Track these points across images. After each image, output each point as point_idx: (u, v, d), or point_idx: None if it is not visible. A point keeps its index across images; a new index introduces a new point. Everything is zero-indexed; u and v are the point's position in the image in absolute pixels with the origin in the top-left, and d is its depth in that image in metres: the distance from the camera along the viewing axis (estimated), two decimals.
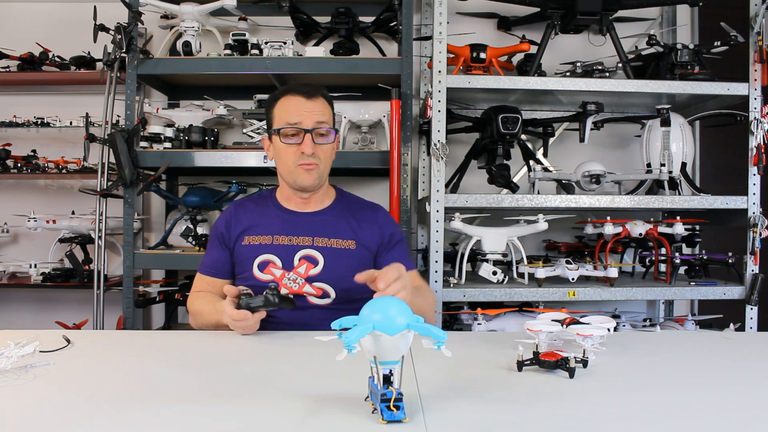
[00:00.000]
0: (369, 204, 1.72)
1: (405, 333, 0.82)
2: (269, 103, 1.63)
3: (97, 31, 2.49)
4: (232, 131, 2.91)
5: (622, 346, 1.29)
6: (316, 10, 2.75)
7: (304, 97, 1.57)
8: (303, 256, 1.57)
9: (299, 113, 1.55)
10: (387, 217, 1.70)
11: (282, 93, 1.61)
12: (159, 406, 0.90)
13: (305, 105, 1.56)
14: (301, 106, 1.56)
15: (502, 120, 2.28)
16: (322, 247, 1.58)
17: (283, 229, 1.61)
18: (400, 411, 0.81)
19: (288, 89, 1.60)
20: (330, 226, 1.61)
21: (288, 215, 1.64)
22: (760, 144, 2.29)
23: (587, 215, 2.66)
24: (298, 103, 1.56)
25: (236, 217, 1.66)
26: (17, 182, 3.02)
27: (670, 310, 2.95)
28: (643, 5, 2.59)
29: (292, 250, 1.57)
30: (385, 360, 0.83)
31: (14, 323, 2.95)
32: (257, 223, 1.63)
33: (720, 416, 0.89)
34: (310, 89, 1.58)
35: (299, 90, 1.58)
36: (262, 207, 1.68)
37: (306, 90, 1.58)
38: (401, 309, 0.84)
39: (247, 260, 1.59)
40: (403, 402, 0.82)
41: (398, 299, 0.87)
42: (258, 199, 1.73)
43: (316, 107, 1.57)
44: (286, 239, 1.59)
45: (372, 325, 0.81)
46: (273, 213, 1.65)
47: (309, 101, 1.56)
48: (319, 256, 1.57)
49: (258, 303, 1.34)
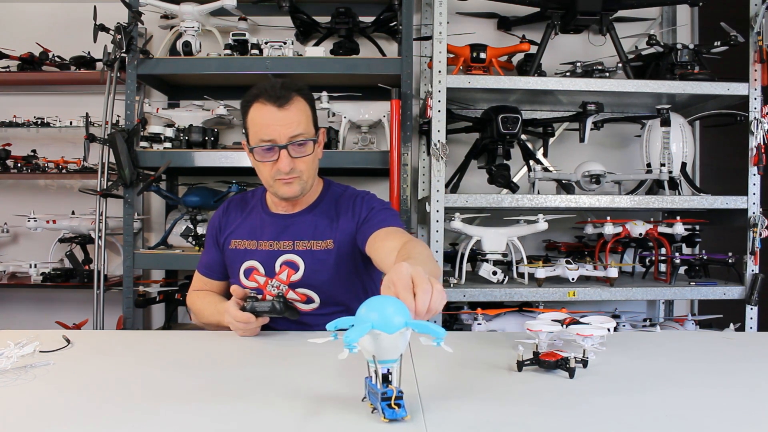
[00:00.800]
0: (351, 194, 1.62)
1: (403, 331, 0.82)
2: (243, 108, 1.51)
3: (97, 31, 2.49)
4: (232, 131, 2.91)
5: (622, 346, 1.29)
6: (316, 10, 2.75)
7: (276, 105, 1.43)
8: (284, 262, 1.53)
9: (271, 128, 1.44)
10: (367, 200, 1.59)
11: (253, 98, 1.47)
12: (159, 406, 0.90)
13: (277, 117, 1.43)
14: (273, 119, 1.43)
15: (502, 120, 2.28)
16: (303, 251, 1.53)
17: (267, 233, 1.57)
18: (401, 409, 0.81)
19: (259, 93, 1.46)
20: (310, 227, 1.56)
21: (272, 218, 1.60)
22: (760, 144, 2.29)
23: (587, 215, 2.66)
24: (270, 115, 1.44)
25: (225, 217, 1.65)
26: (17, 182, 3.02)
27: (670, 310, 2.95)
28: (643, 5, 2.59)
29: (273, 256, 1.54)
30: (384, 359, 0.83)
31: (14, 323, 2.95)
32: (244, 226, 1.61)
33: (720, 416, 0.89)
34: (282, 93, 1.44)
35: (270, 96, 1.44)
36: (251, 207, 1.65)
37: (277, 95, 1.44)
38: (398, 307, 0.83)
39: (234, 266, 1.59)
40: (403, 400, 0.82)
41: (394, 298, 0.86)
42: (250, 197, 1.69)
43: (289, 118, 1.44)
44: (268, 244, 1.55)
45: (371, 324, 0.80)
46: (259, 215, 1.62)
47: (281, 111, 1.43)
48: (299, 261, 1.52)
49: (264, 308, 1.34)
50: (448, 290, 2.23)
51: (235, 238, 1.60)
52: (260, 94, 1.46)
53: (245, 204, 1.67)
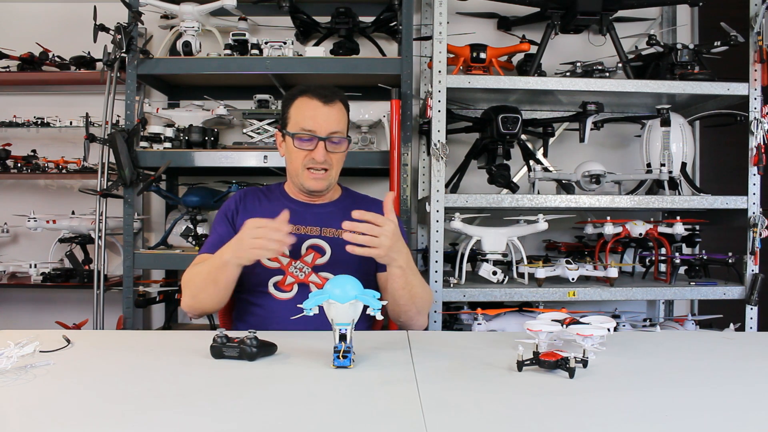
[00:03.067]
0: (373, 200, 1.76)
1: (354, 302, 1.08)
2: (287, 100, 1.63)
3: (97, 31, 2.49)
4: (232, 131, 2.91)
5: (622, 346, 1.29)
6: (316, 10, 2.75)
7: (322, 101, 1.56)
8: (310, 245, 1.59)
9: (315, 120, 1.55)
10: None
11: (300, 93, 1.60)
12: (159, 406, 0.90)
13: (322, 111, 1.56)
14: (317, 112, 1.56)
15: (502, 120, 2.28)
16: (330, 238, 1.60)
17: (291, 219, 1.56)
18: (345, 360, 1.08)
19: (307, 89, 1.60)
20: (338, 218, 1.58)
21: (296, 205, 1.65)
22: (760, 144, 2.29)
23: (587, 215, 2.66)
24: (315, 108, 1.56)
25: (244, 202, 1.68)
26: (17, 182, 3.02)
27: (670, 310, 2.95)
28: (643, 5, 2.59)
29: (300, 239, 1.57)
30: (339, 322, 1.09)
31: (14, 323, 2.95)
32: (265, 211, 1.62)
33: (720, 416, 0.89)
34: (329, 93, 1.58)
35: (318, 93, 1.57)
36: (270, 197, 1.70)
37: (324, 94, 1.57)
38: (353, 285, 1.09)
39: None
40: (351, 353, 1.09)
41: (352, 277, 1.11)
42: (266, 190, 1.74)
43: (332, 115, 1.57)
44: (294, 228, 1.56)
45: (328, 295, 1.08)
46: (281, 203, 1.66)
47: (326, 107, 1.56)
48: (326, 246, 1.58)
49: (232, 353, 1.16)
50: (449, 290, 2.23)
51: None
52: (308, 90, 1.59)
53: (263, 194, 1.71)
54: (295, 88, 1.63)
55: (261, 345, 1.17)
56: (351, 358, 1.09)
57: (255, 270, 1.54)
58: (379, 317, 1.09)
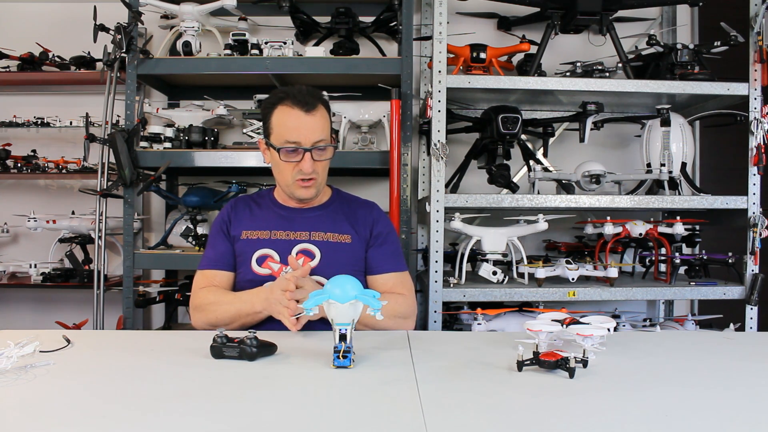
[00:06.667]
0: (364, 201, 1.75)
1: (354, 302, 1.08)
2: (266, 108, 1.59)
3: (97, 31, 2.49)
4: (232, 131, 2.91)
5: (622, 346, 1.29)
6: (316, 10, 2.75)
7: (303, 110, 1.53)
8: (300, 250, 1.59)
9: (298, 131, 1.53)
10: (381, 213, 1.73)
11: (279, 100, 1.56)
12: (159, 406, 0.90)
13: (305, 121, 1.53)
14: (300, 123, 1.53)
15: (502, 120, 2.28)
16: (320, 241, 1.60)
17: (281, 225, 1.63)
18: (345, 360, 1.09)
19: (285, 95, 1.55)
20: (327, 221, 1.64)
21: (285, 212, 1.67)
22: (760, 144, 2.29)
23: (587, 215, 2.66)
24: (297, 119, 1.53)
25: (235, 211, 1.69)
26: (17, 182, 3.02)
27: (670, 310, 2.95)
28: (643, 5, 2.59)
29: (289, 245, 1.59)
30: (339, 322, 1.09)
31: (14, 323, 2.95)
32: (255, 219, 1.66)
33: (720, 416, 0.89)
34: (309, 99, 1.54)
35: (298, 100, 1.53)
36: (260, 204, 1.71)
37: (305, 101, 1.53)
38: (354, 284, 1.10)
39: (245, 255, 1.61)
40: (351, 353, 1.10)
41: (354, 278, 1.11)
42: (257, 197, 1.76)
43: (315, 123, 1.54)
44: (284, 234, 1.61)
45: (328, 295, 1.08)
46: (271, 210, 1.68)
47: (308, 116, 1.53)
48: (316, 250, 1.59)
49: (233, 353, 1.17)
50: (449, 290, 2.23)
51: (246, 229, 1.64)
52: (286, 97, 1.55)
53: (253, 202, 1.73)
54: (273, 94, 1.59)
55: (261, 345, 1.18)
56: (351, 358, 1.09)
57: (247, 278, 1.58)
58: (379, 317, 1.10)
